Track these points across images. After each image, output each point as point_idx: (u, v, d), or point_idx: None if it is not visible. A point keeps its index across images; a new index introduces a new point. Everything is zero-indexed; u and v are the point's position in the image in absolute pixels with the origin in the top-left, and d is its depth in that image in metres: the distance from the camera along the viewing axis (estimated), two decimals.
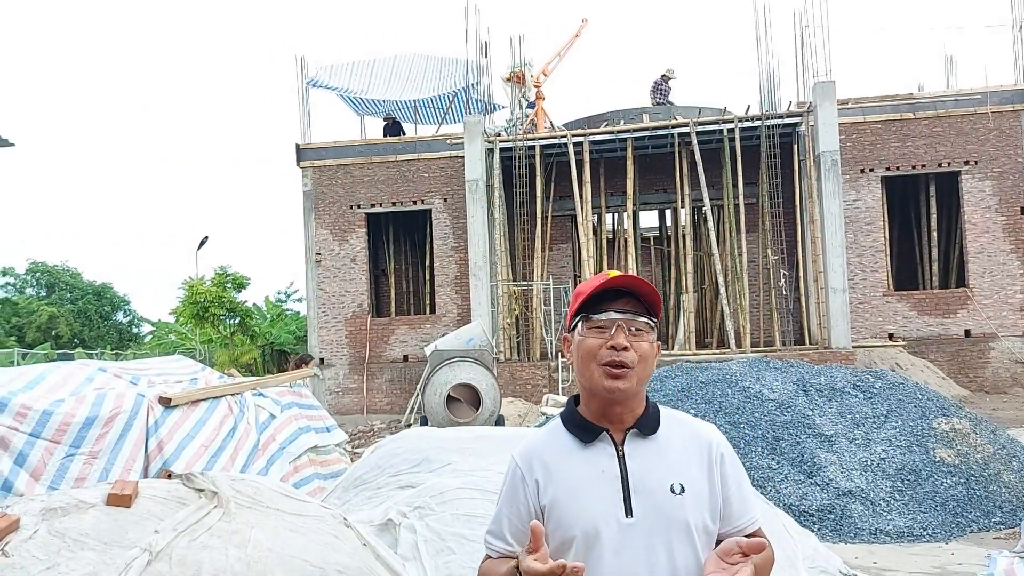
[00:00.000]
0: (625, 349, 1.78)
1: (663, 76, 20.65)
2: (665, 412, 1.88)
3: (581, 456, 1.81)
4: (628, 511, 1.74)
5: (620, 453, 1.79)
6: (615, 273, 1.85)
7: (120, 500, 3.14)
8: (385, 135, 21.76)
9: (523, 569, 1.60)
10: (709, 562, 1.67)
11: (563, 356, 1.99)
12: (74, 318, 37.03)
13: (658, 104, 20.34)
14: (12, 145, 11.49)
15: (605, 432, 1.81)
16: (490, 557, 1.83)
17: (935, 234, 19.67)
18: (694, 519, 1.74)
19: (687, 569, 1.72)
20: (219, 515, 3.27)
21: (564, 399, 14.60)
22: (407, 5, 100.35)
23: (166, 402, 5.36)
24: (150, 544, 2.93)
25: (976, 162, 18.46)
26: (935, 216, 19.60)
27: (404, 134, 21.69)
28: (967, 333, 18.29)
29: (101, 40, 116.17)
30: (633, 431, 1.81)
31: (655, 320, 1.85)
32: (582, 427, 1.83)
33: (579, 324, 1.86)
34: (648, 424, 1.82)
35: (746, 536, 1.73)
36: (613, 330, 1.80)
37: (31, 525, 2.92)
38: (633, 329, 1.81)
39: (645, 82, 21.13)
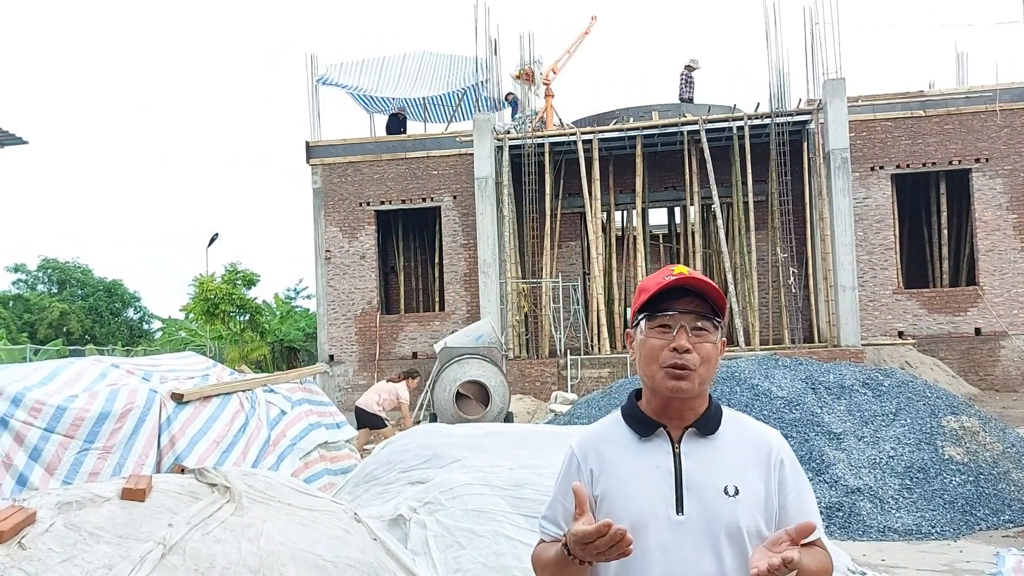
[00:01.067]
0: (688, 351, 1.76)
1: (687, 67, 20.60)
2: (728, 413, 1.86)
3: (637, 450, 1.81)
4: (679, 508, 1.73)
5: (676, 451, 1.78)
6: (680, 269, 1.82)
7: (134, 494, 3.18)
8: (388, 129, 21.74)
9: (571, 533, 1.62)
10: (756, 552, 1.65)
11: (628, 352, 1.97)
12: (85, 314, 37.24)
13: (687, 99, 20.28)
14: (26, 143, 11.57)
15: (663, 428, 1.81)
16: (543, 541, 1.84)
17: (945, 232, 19.60)
18: (746, 522, 1.72)
19: (735, 571, 1.70)
20: (231, 509, 3.30)
21: (573, 396, 14.62)
22: (417, 3, 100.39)
23: (178, 398, 5.41)
24: (164, 538, 2.97)
25: (987, 160, 18.38)
26: (945, 214, 19.53)
27: (405, 131, 21.70)
28: (977, 331, 18.23)
29: (115, 39, 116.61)
30: (691, 430, 1.80)
31: (719, 320, 1.82)
32: (640, 421, 1.83)
33: (642, 322, 1.84)
34: (708, 424, 1.81)
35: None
36: (676, 330, 1.78)
37: (47, 518, 2.96)
38: (697, 328, 1.78)
39: (655, 79, 21.16)
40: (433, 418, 12.66)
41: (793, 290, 18.49)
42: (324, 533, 3.40)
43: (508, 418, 12.68)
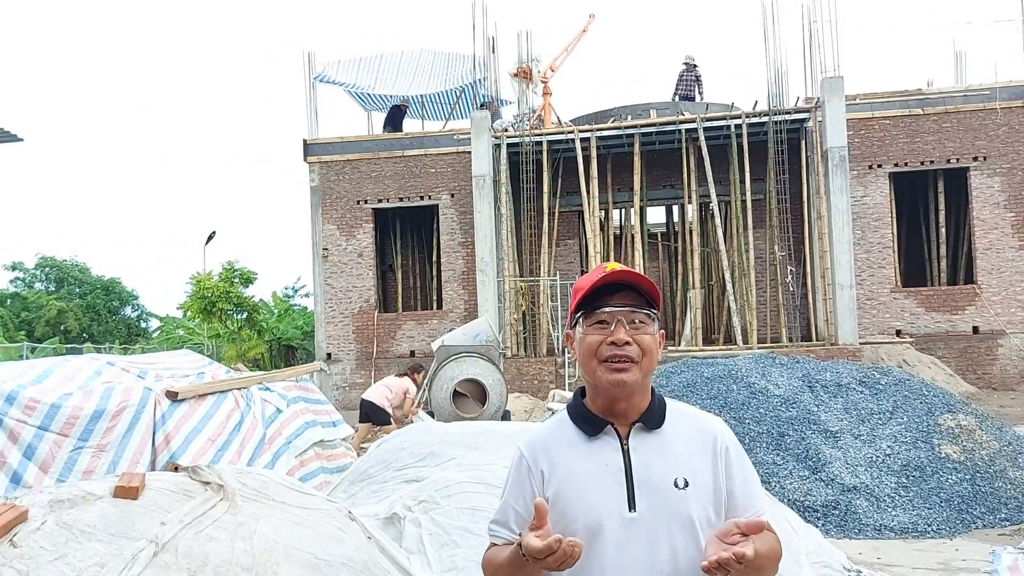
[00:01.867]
0: (627, 344, 1.77)
1: (688, 65, 20.62)
2: (672, 405, 1.87)
3: (586, 449, 1.81)
4: (632, 505, 1.74)
5: (624, 447, 1.79)
6: (613, 266, 1.84)
7: (127, 492, 3.17)
8: (388, 118, 21.67)
9: (523, 545, 1.61)
10: (710, 544, 1.66)
11: (568, 352, 1.95)
12: (83, 313, 37.20)
13: (686, 97, 20.31)
14: (21, 140, 11.54)
15: (610, 426, 1.81)
16: (494, 545, 1.84)
17: (943, 230, 19.61)
18: (697, 513, 1.74)
19: (690, 563, 1.71)
20: (225, 508, 3.29)
21: (571, 395, 14.62)
22: (415, 1, 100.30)
23: (173, 396, 5.40)
24: (156, 536, 2.96)
25: (985, 158, 18.38)
26: (943, 212, 19.54)
27: (401, 124, 21.64)
28: (975, 330, 18.24)
29: (110, 36, 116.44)
30: (638, 425, 1.81)
31: (655, 311, 1.84)
32: (587, 420, 1.84)
33: (580, 320, 1.85)
34: (653, 418, 1.82)
35: None
36: (613, 325, 1.79)
37: (39, 516, 2.95)
38: (635, 322, 1.80)
39: (653, 78, 21.16)
40: (431, 416, 12.65)
41: (791, 288, 18.49)
42: (318, 532, 3.39)
43: (506, 416, 12.67)
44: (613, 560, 1.72)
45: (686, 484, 1.75)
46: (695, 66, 20.71)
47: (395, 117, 21.78)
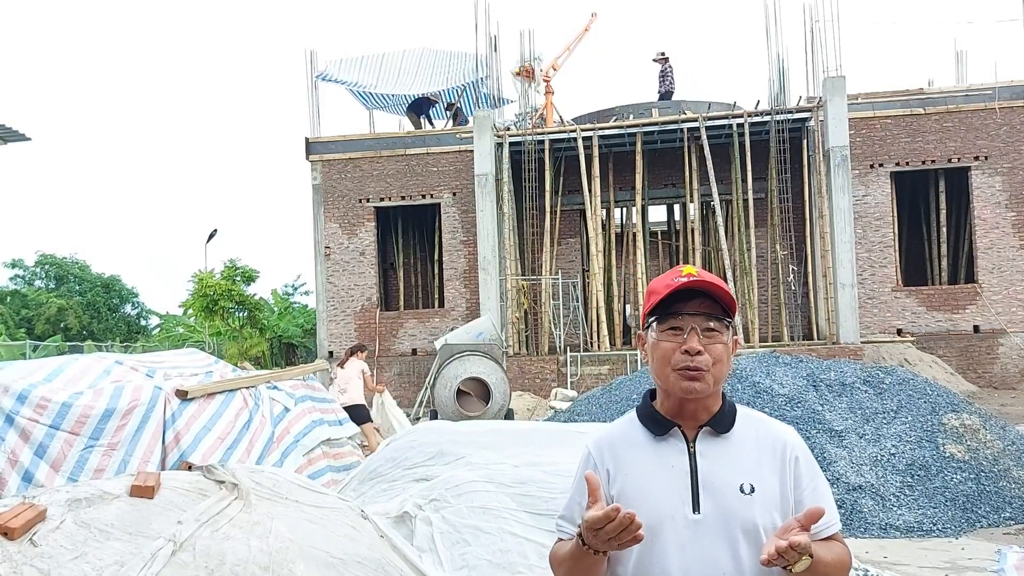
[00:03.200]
0: (699, 353, 1.76)
1: (662, 59, 20.79)
2: (743, 411, 1.87)
3: (652, 449, 1.82)
4: (696, 507, 1.74)
5: (691, 450, 1.79)
6: (690, 270, 1.82)
7: (143, 491, 3.19)
8: (412, 105, 21.68)
9: (583, 519, 1.63)
10: (768, 541, 1.65)
11: (640, 353, 1.93)
12: (83, 310, 37.18)
13: (669, 91, 20.40)
14: (29, 140, 11.54)
15: (677, 428, 1.82)
16: (561, 540, 1.85)
17: (944, 230, 19.63)
18: (762, 520, 1.73)
19: (753, 570, 1.71)
20: (240, 506, 3.31)
21: (573, 393, 14.63)
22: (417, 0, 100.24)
23: (183, 395, 5.42)
24: (174, 535, 2.97)
25: (986, 157, 18.40)
26: (944, 212, 19.56)
27: (423, 115, 21.62)
28: (976, 329, 18.26)
29: (110, 34, 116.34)
30: (706, 428, 1.81)
31: (730, 320, 1.83)
32: (655, 421, 1.84)
33: (653, 324, 1.84)
34: (722, 422, 1.82)
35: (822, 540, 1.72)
36: (687, 332, 1.78)
37: (57, 515, 2.97)
38: (709, 330, 1.79)
39: (655, 77, 21.17)
40: (434, 415, 12.67)
41: (792, 287, 18.52)
42: (332, 530, 3.41)
43: (509, 415, 12.70)
44: (675, 561, 1.72)
45: (752, 490, 1.74)
46: (668, 59, 20.89)
47: (420, 106, 21.75)
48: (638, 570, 1.74)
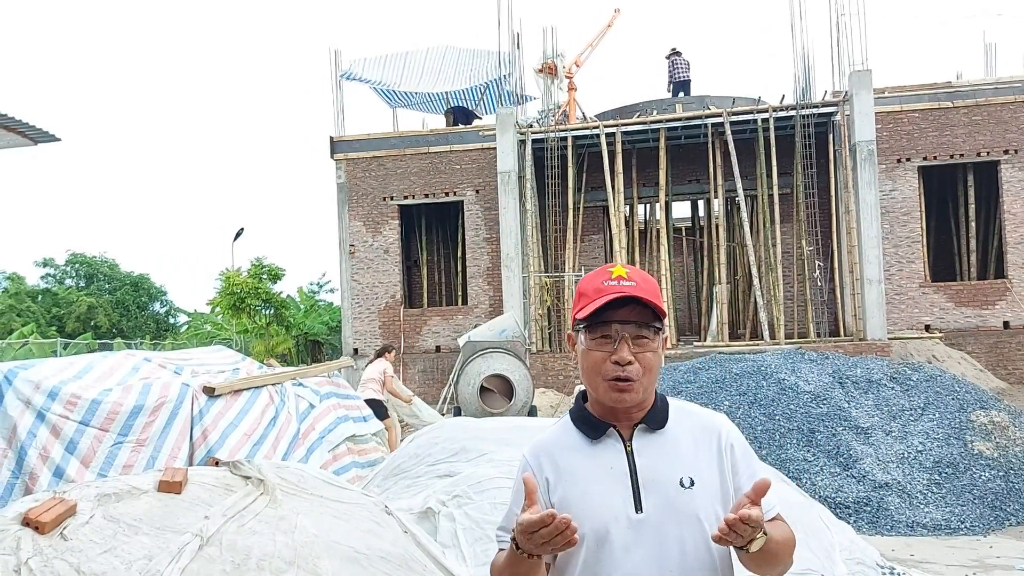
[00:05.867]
0: (630, 363, 1.75)
1: (674, 54, 20.77)
2: (675, 404, 1.87)
3: (590, 453, 1.80)
4: (638, 507, 1.73)
5: (628, 449, 1.78)
6: (620, 271, 1.81)
7: (171, 487, 3.24)
8: (456, 110, 21.81)
9: (517, 523, 1.62)
10: (722, 521, 1.61)
11: (573, 353, 1.92)
12: (112, 308, 37.66)
13: (683, 81, 20.38)
14: (59, 140, 11.69)
15: (613, 428, 1.81)
16: (501, 550, 1.83)
17: (973, 224, 19.37)
18: (704, 512, 1.73)
19: (699, 562, 1.72)
20: (265, 502, 3.35)
21: None
22: None
23: (210, 391, 5.48)
24: (201, 529, 3.02)
25: (1016, 151, 18.12)
26: (973, 206, 19.30)
27: (463, 119, 21.71)
28: (1006, 325, 18.00)
29: (137, 36, 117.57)
30: (641, 426, 1.80)
31: (660, 326, 1.80)
32: (590, 424, 1.83)
33: (582, 329, 1.82)
34: (656, 418, 1.81)
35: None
36: (617, 342, 1.77)
37: (87, 510, 3.02)
38: (639, 338, 1.77)
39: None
40: (457, 412, 12.71)
41: (818, 283, 18.35)
42: (356, 526, 3.44)
43: (532, 412, 12.71)
44: (622, 562, 1.71)
45: (692, 483, 1.74)
46: (680, 53, 20.82)
47: (465, 114, 21.91)
48: (585, 573, 1.73)
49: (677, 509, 1.73)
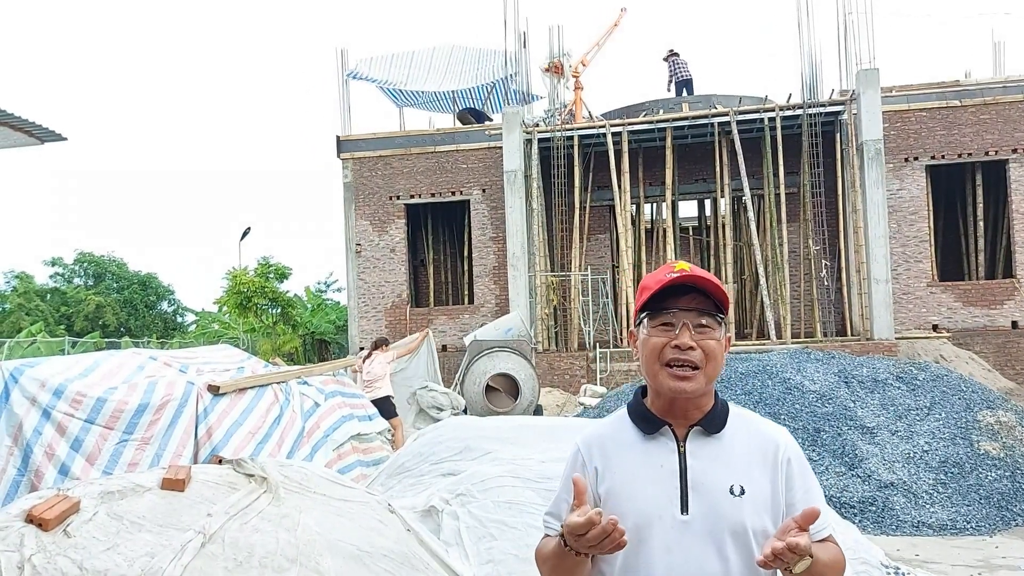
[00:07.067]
0: (691, 348, 1.73)
1: (671, 55, 20.78)
2: (735, 411, 1.84)
3: (642, 448, 1.79)
4: (684, 508, 1.71)
5: (681, 449, 1.76)
6: (682, 265, 1.79)
7: (174, 484, 3.24)
8: (470, 110, 21.84)
9: (564, 524, 1.61)
10: (767, 543, 1.60)
11: (632, 350, 1.89)
12: (120, 307, 37.77)
13: (685, 80, 20.38)
14: (65, 140, 11.74)
15: (668, 427, 1.79)
16: (547, 536, 1.83)
17: (981, 224, 19.29)
18: (752, 522, 1.70)
19: (740, 572, 1.69)
20: (268, 500, 3.35)
21: (602, 389, 14.61)
22: None
23: (215, 390, 5.50)
24: (204, 527, 3.03)
25: None
26: (981, 205, 19.22)
27: (475, 119, 21.73)
28: (1014, 324, 17.93)
29: (144, 35, 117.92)
30: (697, 428, 1.78)
31: (722, 316, 1.79)
32: (646, 419, 1.81)
33: (644, 320, 1.82)
34: (713, 422, 1.79)
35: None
36: (679, 328, 1.76)
37: (91, 507, 3.03)
38: (701, 326, 1.76)
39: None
40: (464, 410, 12.72)
41: (825, 283, 18.31)
42: (359, 524, 3.44)
43: (538, 411, 12.72)
44: (661, 562, 1.70)
45: (742, 492, 1.71)
46: (677, 53, 20.85)
47: (477, 114, 21.94)
48: (624, 570, 1.72)
49: (724, 516, 1.70)
